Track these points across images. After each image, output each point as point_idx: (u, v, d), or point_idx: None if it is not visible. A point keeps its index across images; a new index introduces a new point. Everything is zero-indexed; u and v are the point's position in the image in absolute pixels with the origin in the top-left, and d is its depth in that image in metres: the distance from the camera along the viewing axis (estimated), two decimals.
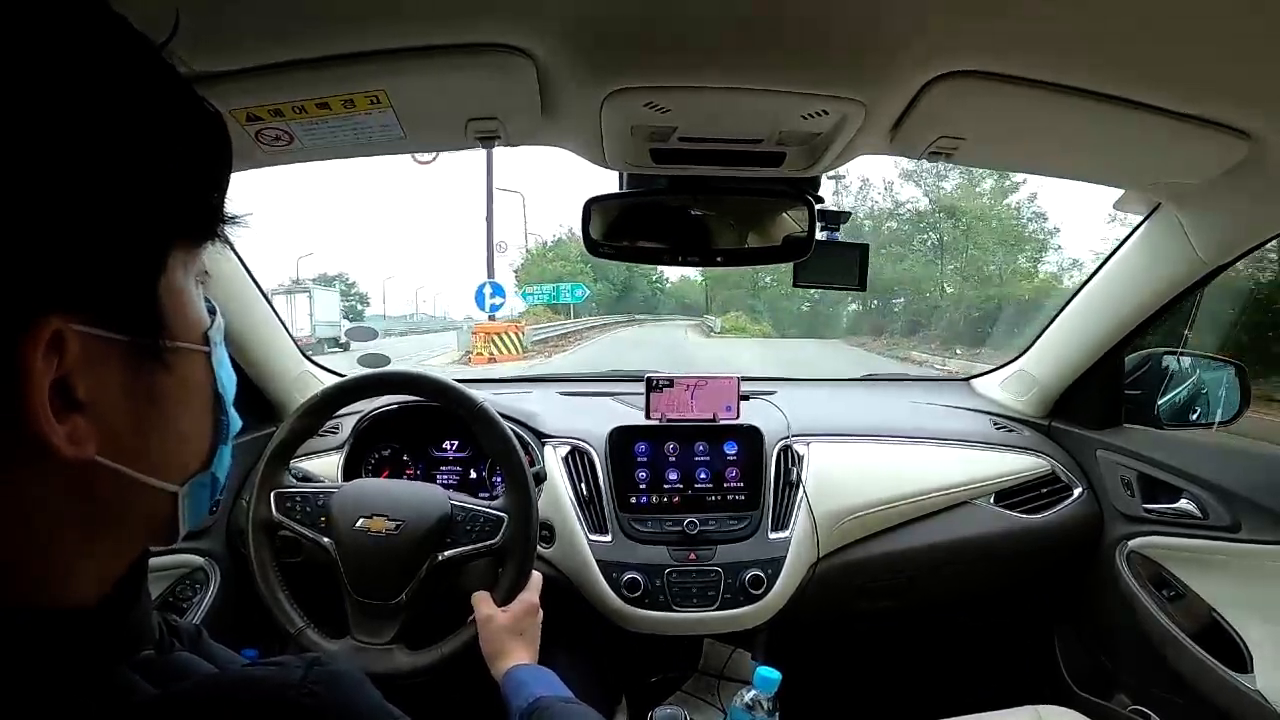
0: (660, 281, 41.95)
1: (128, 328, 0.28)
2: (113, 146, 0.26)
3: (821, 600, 1.14)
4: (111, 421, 0.28)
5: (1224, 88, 0.63)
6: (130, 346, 0.28)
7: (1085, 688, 1.30)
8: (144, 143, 0.27)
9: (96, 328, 0.27)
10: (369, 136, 0.71)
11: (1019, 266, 19.88)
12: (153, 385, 0.30)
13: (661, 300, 43.71)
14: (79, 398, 0.26)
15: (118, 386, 0.28)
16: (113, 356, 0.28)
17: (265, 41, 0.57)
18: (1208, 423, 1.17)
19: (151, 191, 0.28)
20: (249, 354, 1.14)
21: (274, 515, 0.87)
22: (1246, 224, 0.92)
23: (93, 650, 0.29)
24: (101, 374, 0.27)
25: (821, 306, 27.15)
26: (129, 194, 0.27)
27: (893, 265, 21.69)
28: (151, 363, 0.30)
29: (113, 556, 0.32)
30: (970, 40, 0.57)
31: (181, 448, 0.33)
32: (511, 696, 0.71)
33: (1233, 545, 1.03)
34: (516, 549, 0.84)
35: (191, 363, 0.33)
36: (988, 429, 1.34)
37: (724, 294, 35.74)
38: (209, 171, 0.32)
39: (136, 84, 0.27)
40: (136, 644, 0.33)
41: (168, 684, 0.30)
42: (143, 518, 0.32)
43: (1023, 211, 20.35)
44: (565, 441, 1.17)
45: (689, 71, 0.60)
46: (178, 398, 0.32)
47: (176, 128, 0.29)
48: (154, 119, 0.28)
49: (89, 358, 0.26)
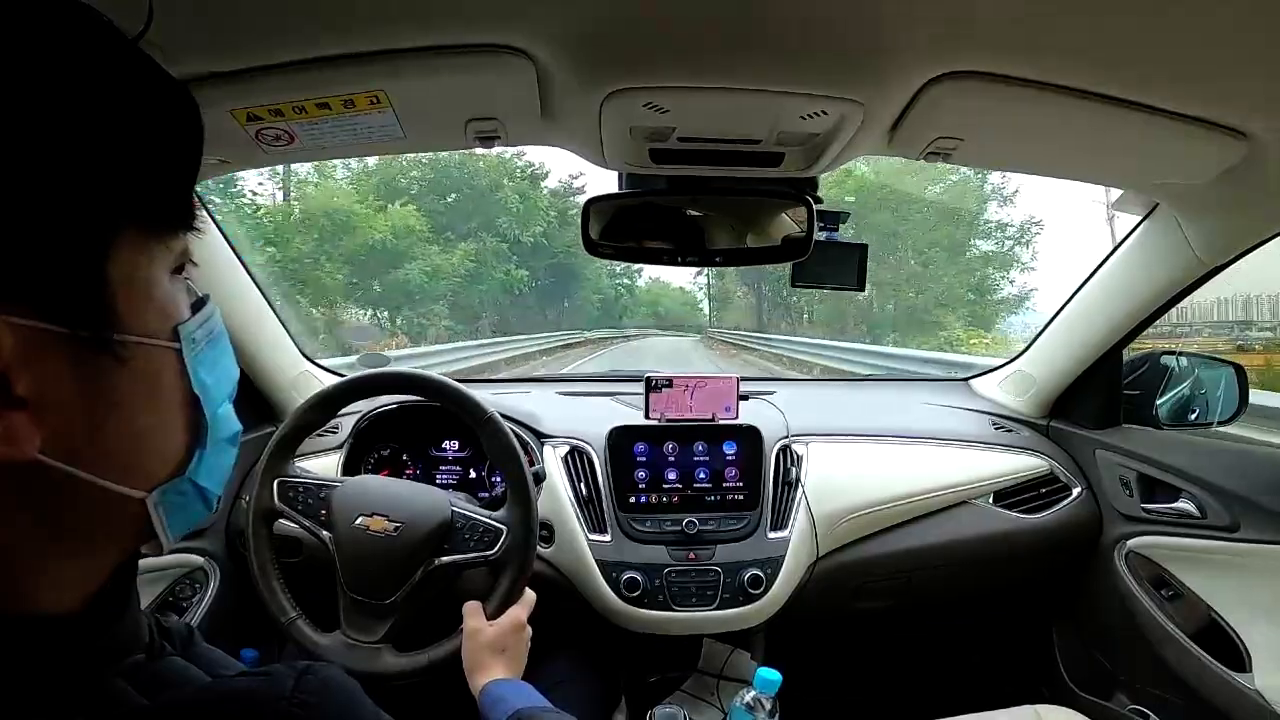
0: (623, 277, 26.78)
1: (70, 320, 0.26)
2: (41, 125, 0.25)
3: (820, 600, 1.14)
4: (60, 420, 0.27)
5: (1223, 89, 0.63)
6: (76, 340, 0.27)
7: (1084, 687, 1.30)
8: (80, 122, 0.26)
9: (34, 319, 0.25)
10: (369, 136, 0.72)
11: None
12: (106, 383, 0.28)
13: (627, 306, 29.24)
14: (19, 394, 0.25)
15: (65, 383, 0.27)
16: (57, 350, 0.26)
17: (266, 41, 0.57)
18: (1206, 423, 1.17)
19: (89, 173, 0.26)
20: (245, 352, 1.14)
21: (275, 503, 0.88)
22: (1245, 225, 0.92)
23: (78, 658, 0.29)
24: (45, 369, 0.26)
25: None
26: (62, 175, 0.25)
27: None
28: (103, 358, 0.28)
29: (87, 563, 0.31)
30: (969, 40, 0.57)
31: (142, 450, 0.31)
32: (489, 710, 0.70)
33: (1231, 545, 1.03)
34: (513, 562, 0.84)
35: (154, 359, 0.30)
36: (986, 429, 1.35)
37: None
38: (168, 155, 0.30)
39: (78, 65, 0.26)
40: (126, 650, 0.32)
41: (157, 692, 0.30)
42: (112, 524, 0.31)
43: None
44: (565, 441, 1.18)
45: (688, 72, 0.61)
46: (136, 397, 0.30)
47: (126, 109, 0.28)
48: (95, 99, 0.26)
49: (29, 351, 0.25)
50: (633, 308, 30.05)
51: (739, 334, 18.12)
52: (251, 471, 1.13)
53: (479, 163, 16.66)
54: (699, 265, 0.91)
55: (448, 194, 16.68)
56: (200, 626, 1.03)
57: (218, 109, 0.63)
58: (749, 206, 0.89)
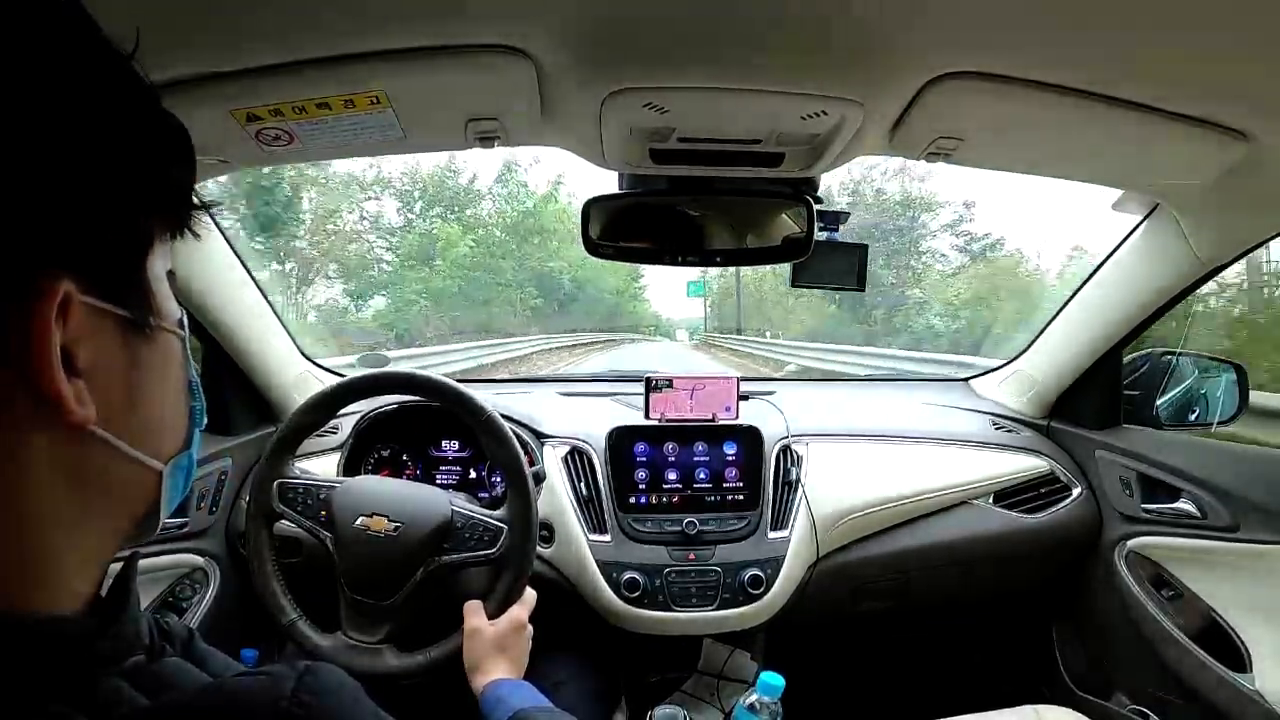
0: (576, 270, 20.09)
1: (123, 301, 0.30)
2: (107, 136, 0.28)
3: (820, 600, 1.14)
4: (105, 393, 0.29)
5: (1223, 89, 0.63)
6: (124, 321, 0.30)
7: (1084, 687, 1.30)
8: (124, 132, 0.30)
9: (97, 298, 0.28)
10: (369, 136, 0.71)
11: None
12: (142, 361, 0.32)
13: (575, 300, 21.06)
14: (79, 365, 0.28)
15: (112, 359, 0.30)
16: (109, 329, 0.30)
17: (266, 42, 0.57)
18: (1207, 423, 1.17)
19: (135, 175, 0.30)
20: (246, 352, 1.14)
21: (275, 505, 0.88)
22: (1245, 225, 0.92)
23: (79, 658, 0.29)
24: (99, 345, 0.29)
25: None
26: (118, 174, 0.29)
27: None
28: (141, 340, 0.31)
29: (99, 545, 0.32)
30: (969, 40, 0.57)
31: (165, 425, 0.35)
32: (490, 711, 0.70)
33: (1232, 545, 1.03)
34: (513, 561, 0.84)
35: (172, 345, 0.34)
36: (987, 429, 1.35)
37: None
38: (177, 163, 0.34)
39: (121, 88, 0.30)
40: (126, 651, 0.33)
41: (157, 692, 0.30)
42: (128, 499, 0.33)
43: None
44: (565, 442, 1.18)
45: (688, 72, 0.61)
46: (162, 376, 0.34)
47: (147, 122, 0.31)
48: (127, 114, 0.30)
49: (89, 327, 0.28)
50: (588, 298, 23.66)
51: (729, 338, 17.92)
52: (251, 473, 1.13)
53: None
54: (699, 265, 0.91)
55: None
56: (200, 627, 1.03)
57: (218, 109, 0.63)
58: (749, 207, 0.89)
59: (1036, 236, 31.91)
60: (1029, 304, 11.04)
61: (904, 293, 15.82)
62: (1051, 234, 27.72)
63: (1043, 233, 29.75)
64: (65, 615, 0.29)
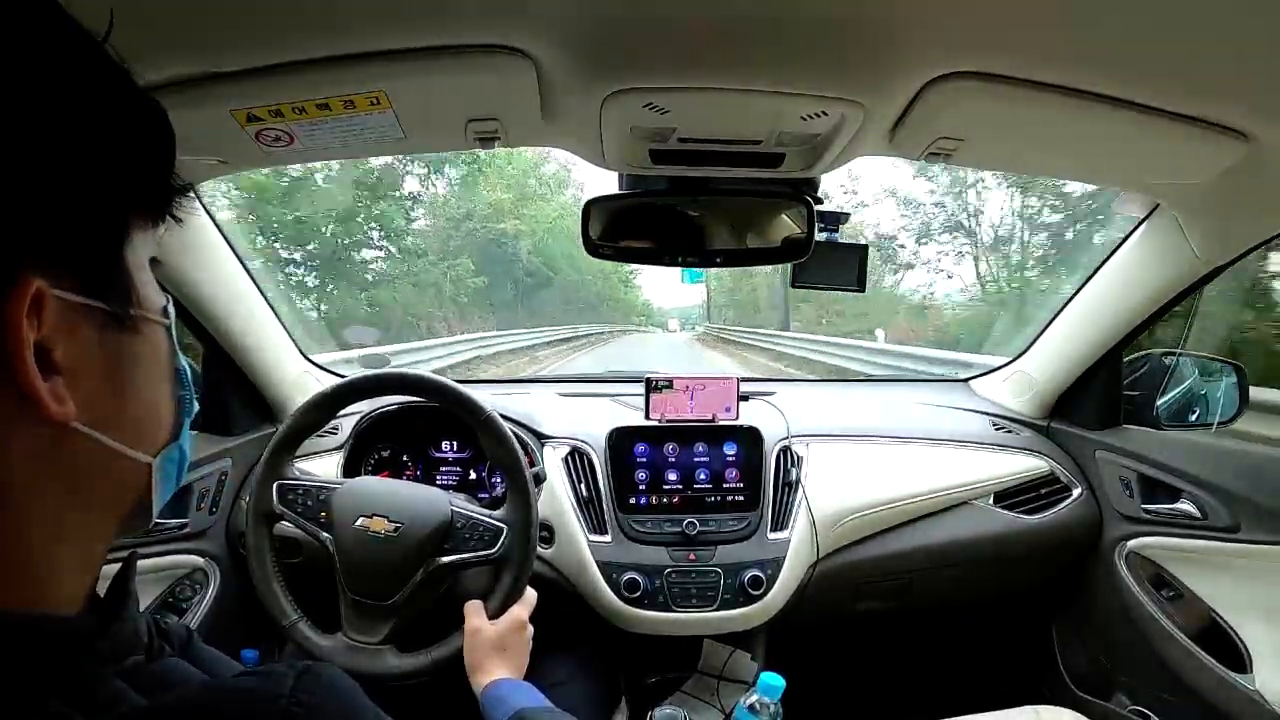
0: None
1: (100, 294, 0.29)
2: (76, 126, 0.28)
3: (821, 600, 1.14)
4: (87, 388, 0.29)
5: (1223, 89, 0.63)
6: (102, 314, 0.30)
7: (1084, 688, 1.30)
8: (92, 116, 0.29)
9: (71, 293, 0.28)
10: (369, 137, 0.71)
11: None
12: (124, 353, 0.31)
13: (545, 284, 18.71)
14: (56, 361, 0.27)
15: (92, 353, 0.29)
16: (87, 323, 0.29)
17: (266, 42, 0.57)
18: (1207, 423, 1.17)
19: (109, 164, 0.30)
20: (246, 352, 1.14)
21: (275, 506, 0.88)
22: (1245, 225, 0.92)
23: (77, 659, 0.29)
24: (77, 339, 0.28)
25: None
26: (91, 165, 0.28)
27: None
28: (122, 331, 0.31)
29: (90, 541, 0.32)
30: (970, 40, 0.57)
31: (151, 418, 0.34)
32: (490, 710, 0.70)
33: (1232, 545, 1.03)
34: (514, 561, 0.84)
35: (156, 334, 0.34)
36: (987, 429, 1.35)
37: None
38: (156, 152, 0.33)
39: (92, 75, 0.29)
40: (125, 651, 0.33)
41: (156, 693, 0.30)
42: (117, 494, 0.33)
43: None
44: (565, 442, 1.18)
45: (688, 73, 0.61)
46: (147, 367, 0.33)
47: (126, 112, 0.31)
48: (105, 105, 0.30)
49: (65, 323, 0.27)
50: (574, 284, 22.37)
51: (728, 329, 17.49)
52: (251, 473, 1.13)
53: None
54: (699, 266, 0.91)
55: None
56: (200, 627, 1.03)
57: (218, 109, 0.63)
58: (749, 207, 0.89)
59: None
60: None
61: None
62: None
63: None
64: (64, 614, 0.29)
